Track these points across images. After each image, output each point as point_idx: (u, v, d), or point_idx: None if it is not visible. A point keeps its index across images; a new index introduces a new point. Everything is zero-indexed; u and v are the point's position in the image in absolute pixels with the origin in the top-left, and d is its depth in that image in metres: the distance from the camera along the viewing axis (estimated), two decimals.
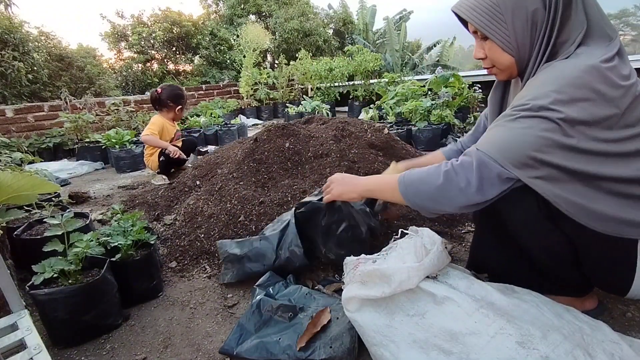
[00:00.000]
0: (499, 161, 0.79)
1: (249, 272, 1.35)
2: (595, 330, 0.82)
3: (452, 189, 0.84)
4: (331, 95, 7.56)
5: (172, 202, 2.21)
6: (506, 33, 0.86)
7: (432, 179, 0.87)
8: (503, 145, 0.80)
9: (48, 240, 1.17)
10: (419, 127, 3.77)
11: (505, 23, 0.85)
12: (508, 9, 0.84)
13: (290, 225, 1.36)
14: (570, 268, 0.94)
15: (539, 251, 0.94)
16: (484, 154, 0.81)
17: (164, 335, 1.18)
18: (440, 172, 0.86)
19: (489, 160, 0.80)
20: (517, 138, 0.78)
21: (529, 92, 0.81)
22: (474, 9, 0.88)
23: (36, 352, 0.93)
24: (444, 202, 0.86)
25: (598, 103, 0.74)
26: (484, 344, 0.77)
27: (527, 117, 0.78)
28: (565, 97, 0.74)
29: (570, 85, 0.75)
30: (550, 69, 0.81)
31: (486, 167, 0.80)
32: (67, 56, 7.74)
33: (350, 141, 2.11)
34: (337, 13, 13.11)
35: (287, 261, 1.31)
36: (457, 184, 0.83)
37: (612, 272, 0.89)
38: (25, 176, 0.98)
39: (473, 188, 0.81)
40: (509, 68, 0.92)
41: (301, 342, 0.97)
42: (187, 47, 10.00)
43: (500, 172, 0.80)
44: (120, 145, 3.78)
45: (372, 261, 0.98)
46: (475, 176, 0.81)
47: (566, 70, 0.77)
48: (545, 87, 0.77)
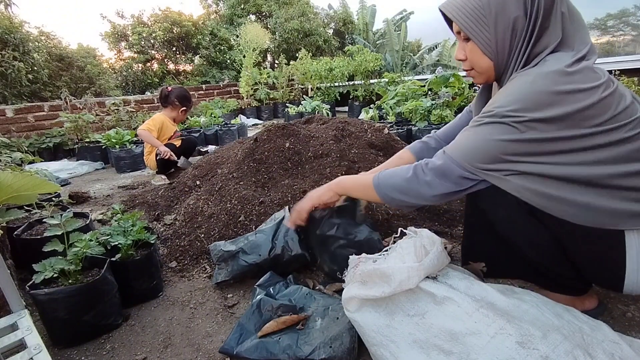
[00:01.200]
0: (462, 165, 0.88)
1: (243, 265, 1.34)
2: (595, 330, 0.82)
3: (419, 182, 0.94)
4: (331, 95, 7.56)
5: (172, 202, 2.21)
6: (488, 37, 0.88)
7: (402, 173, 0.98)
8: (467, 149, 0.88)
9: (48, 240, 1.16)
10: (419, 127, 3.77)
11: (488, 27, 0.87)
12: (492, 13, 0.86)
13: (286, 218, 1.40)
14: (561, 263, 0.94)
15: (526, 247, 0.95)
16: (449, 157, 0.91)
17: (164, 335, 1.18)
18: (410, 167, 0.97)
19: (452, 163, 0.90)
20: (481, 143, 0.85)
21: (497, 99, 0.85)
22: (460, 9, 0.89)
23: (36, 352, 0.93)
24: (411, 194, 0.96)
25: (559, 106, 0.77)
26: (484, 344, 0.77)
27: (489, 123, 0.84)
28: (527, 104, 0.79)
29: (532, 92, 0.79)
30: (518, 77, 0.85)
31: (449, 169, 0.90)
32: (67, 56, 7.75)
33: (351, 141, 2.12)
34: (338, 13, 13.11)
35: (282, 250, 1.32)
36: (423, 177, 0.93)
37: (602, 267, 0.89)
38: (25, 176, 0.98)
39: (436, 183, 0.92)
40: (487, 72, 0.95)
41: (262, 332, 1.03)
42: (187, 47, 10.00)
43: (461, 174, 0.90)
44: (121, 145, 3.78)
45: (372, 261, 0.98)
46: (438, 175, 0.92)
47: (529, 78, 0.81)
48: (511, 95, 0.82)
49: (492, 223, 0.99)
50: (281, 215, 1.45)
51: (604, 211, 0.81)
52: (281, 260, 1.33)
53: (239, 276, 1.37)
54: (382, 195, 1.02)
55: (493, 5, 0.85)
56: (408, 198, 0.97)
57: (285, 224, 1.36)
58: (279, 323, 1.05)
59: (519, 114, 0.79)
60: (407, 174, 0.96)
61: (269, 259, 1.33)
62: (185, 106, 3.21)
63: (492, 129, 0.83)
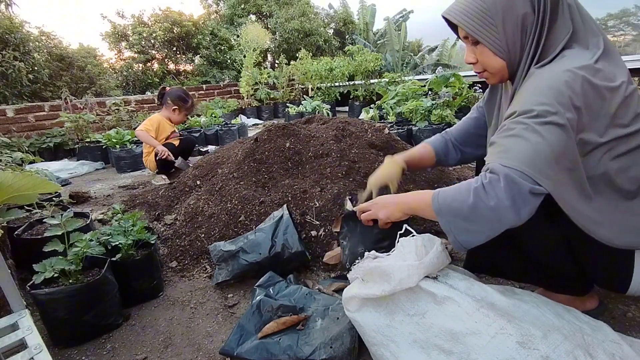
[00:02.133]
0: (530, 176, 0.75)
1: (244, 264, 1.35)
2: (596, 331, 0.82)
3: (483, 207, 0.78)
4: (331, 95, 7.55)
5: (173, 202, 2.21)
6: (497, 37, 0.87)
7: (462, 198, 0.81)
8: (528, 157, 0.76)
9: (48, 240, 1.17)
10: (420, 127, 3.77)
11: (495, 27, 0.86)
12: (498, 13, 0.85)
13: (284, 217, 1.41)
14: (568, 265, 0.94)
15: (535, 247, 0.94)
16: (513, 170, 0.76)
17: (164, 335, 1.18)
18: (470, 191, 0.80)
19: (518, 177, 0.75)
20: (538, 147, 0.76)
21: (527, 98, 0.80)
22: (464, 14, 0.88)
23: (37, 352, 0.93)
24: (476, 222, 0.80)
25: (587, 106, 0.75)
26: (484, 344, 0.76)
27: (540, 124, 0.76)
28: (564, 99, 0.75)
29: (563, 84, 0.76)
30: (541, 74, 0.82)
31: (515, 184, 0.75)
32: (67, 56, 7.74)
33: (351, 141, 2.11)
34: (338, 13, 13.10)
35: (283, 248, 1.33)
36: (487, 202, 0.77)
37: (610, 269, 0.89)
38: (25, 176, 0.98)
39: (504, 203, 0.76)
40: (500, 72, 0.93)
41: (262, 333, 1.03)
42: (188, 47, 10.00)
43: (532, 188, 0.75)
44: (121, 145, 3.78)
45: (372, 257, 0.98)
46: (504, 193, 0.75)
47: (558, 71, 0.78)
48: (543, 93, 0.78)
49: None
50: (279, 214, 1.46)
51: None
52: (281, 258, 1.34)
53: (240, 275, 1.37)
54: (445, 226, 0.84)
55: (499, 4, 0.84)
56: (474, 225, 0.80)
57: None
58: (279, 324, 1.04)
59: (561, 110, 0.75)
60: (469, 200, 0.79)
61: (269, 257, 1.33)
62: (178, 106, 3.17)
63: (544, 131, 0.76)
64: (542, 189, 0.75)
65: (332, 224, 1.59)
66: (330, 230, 1.58)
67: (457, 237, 0.83)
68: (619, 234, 0.82)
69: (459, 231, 0.82)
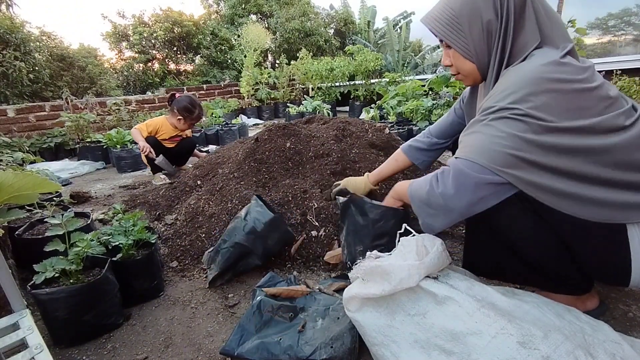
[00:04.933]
0: (477, 168, 0.83)
1: (225, 251, 1.39)
2: (597, 331, 0.82)
3: (434, 193, 0.90)
4: (332, 95, 7.55)
5: (173, 202, 2.21)
6: (465, 41, 0.95)
7: (423, 184, 0.95)
8: (479, 149, 0.85)
9: (49, 240, 1.17)
10: (420, 126, 3.77)
11: (463, 32, 0.94)
12: (465, 19, 0.92)
13: (252, 201, 1.49)
14: (565, 263, 0.94)
15: (531, 248, 0.94)
16: (463, 161, 0.86)
17: (165, 335, 1.18)
18: (428, 179, 0.93)
19: (465, 167, 0.85)
20: (492, 140, 0.83)
21: (494, 95, 0.87)
22: (437, 20, 0.97)
23: (37, 352, 0.93)
24: (432, 206, 0.92)
25: (555, 95, 0.80)
26: (485, 344, 0.76)
27: (495, 119, 0.84)
28: (525, 95, 0.81)
29: (527, 83, 0.81)
30: (511, 71, 0.89)
31: (462, 174, 0.85)
32: (68, 56, 7.75)
33: (351, 141, 2.11)
34: (339, 13, 13.09)
35: (254, 222, 1.39)
36: (436, 190, 0.89)
37: (608, 263, 0.89)
38: (26, 176, 0.98)
39: (450, 191, 0.87)
40: (472, 74, 1.01)
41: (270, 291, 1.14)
42: (188, 47, 10.00)
43: (477, 179, 0.84)
44: (122, 145, 3.79)
45: (374, 257, 0.98)
46: (451, 181, 0.86)
47: (521, 72, 0.85)
48: (508, 89, 0.84)
49: (494, 224, 0.97)
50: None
51: (614, 204, 0.81)
52: (258, 232, 1.38)
53: (227, 264, 1.39)
54: (415, 209, 0.99)
55: (465, 12, 0.92)
56: (434, 211, 0.93)
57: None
58: (289, 290, 1.19)
59: (519, 105, 0.81)
60: (426, 187, 0.93)
61: (246, 234, 1.38)
62: (183, 116, 3.11)
63: (499, 125, 0.83)
64: (491, 177, 0.83)
65: (332, 225, 1.59)
66: (331, 230, 1.58)
67: (423, 220, 0.96)
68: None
69: (425, 214, 0.95)
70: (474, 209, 0.89)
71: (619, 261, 0.85)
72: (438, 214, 0.92)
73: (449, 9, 0.95)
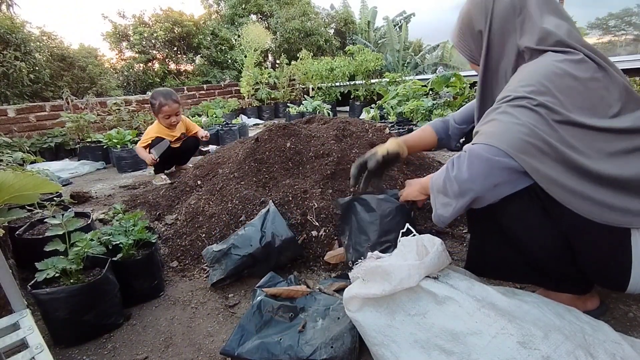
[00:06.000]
0: (497, 146, 0.82)
1: (237, 259, 1.36)
2: (597, 331, 0.82)
3: (449, 177, 0.89)
4: (332, 95, 7.55)
5: (174, 202, 2.22)
6: (467, 48, 1.10)
7: (441, 174, 0.93)
8: (495, 135, 0.84)
9: (49, 240, 1.17)
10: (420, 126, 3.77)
11: (464, 41, 1.09)
12: (467, 30, 1.07)
13: (271, 209, 1.46)
14: (568, 263, 0.94)
15: (535, 246, 0.94)
16: (479, 145, 0.85)
17: (165, 335, 1.18)
18: (445, 167, 0.92)
19: (482, 151, 0.83)
20: (508, 126, 0.84)
21: (508, 88, 0.90)
22: (454, 34, 1.14)
23: (38, 352, 0.93)
24: (448, 193, 0.90)
25: (569, 91, 0.83)
26: (485, 344, 0.76)
27: (512, 106, 0.85)
28: (537, 86, 0.84)
29: (541, 76, 0.85)
30: (523, 68, 0.94)
31: (476, 157, 0.84)
32: (68, 56, 7.75)
33: (352, 141, 2.11)
34: (339, 13, 13.09)
35: (273, 237, 1.37)
36: (451, 173, 0.88)
37: (608, 266, 0.89)
38: (27, 176, 0.98)
39: (464, 174, 0.85)
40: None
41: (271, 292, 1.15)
42: (189, 47, 10.00)
43: (492, 163, 0.82)
44: (122, 145, 3.79)
45: (375, 257, 0.98)
46: (466, 165, 0.85)
47: (535, 66, 0.90)
48: (521, 82, 0.88)
49: (501, 217, 0.95)
50: (266, 209, 1.50)
51: (622, 209, 0.81)
52: (273, 247, 1.36)
53: (234, 272, 1.38)
54: (432, 202, 0.98)
55: (464, 24, 1.07)
56: (448, 200, 0.91)
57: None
58: (289, 290, 1.19)
59: (534, 96, 0.83)
60: (443, 174, 0.91)
61: (261, 247, 1.36)
62: (156, 113, 3.03)
63: (516, 112, 0.84)
64: (507, 161, 0.81)
65: (332, 225, 1.59)
66: (331, 230, 1.58)
67: (437, 211, 0.96)
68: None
69: (439, 205, 0.95)
70: (488, 196, 0.87)
71: (619, 265, 0.85)
72: (451, 203, 0.90)
73: (457, 22, 1.10)
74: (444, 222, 0.96)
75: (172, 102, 2.96)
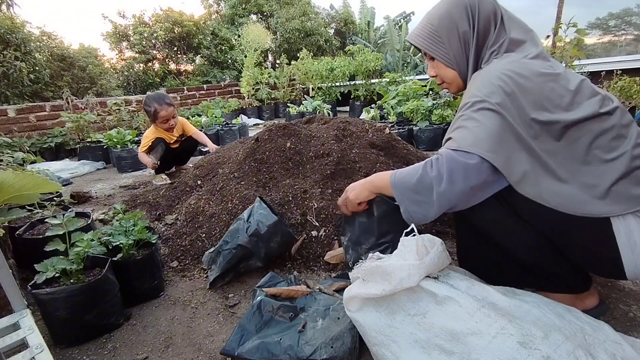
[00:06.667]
0: (466, 149, 0.86)
1: (227, 253, 1.38)
2: (597, 331, 0.82)
3: (427, 180, 0.90)
4: (332, 95, 7.55)
5: (174, 202, 2.22)
6: (446, 51, 1.05)
7: (414, 172, 0.95)
8: (464, 138, 0.89)
9: (50, 240, 1.17)
10: (421, 126, 3.77)
11: (443, 44, 1.05)
12: (444, 32, 1.03)
13: (256, 203, 1.49)
14: (555, 262, 0.95)
15: (517, 248, 0.96)
16: (450, 150, 0.89)
17: (165, 335, 1.18)
18: (420, 166, 0.94)
19: (456, 153, 0.88)
20: (472, 129, 0.88)
21: (466, 97, 0.95)
22: (419, 36, 1.09)
23: (38, 352, 0.93)
24: (421, 193, 0.92)
25: (520, 89, 0.87)
26: (485, 344, 0.76)
27: (473, 111, 0.89)
28: (490, 90, 0.88)
29: (493, 79, 0.90)
30: (475, 75, 0.99)
31: (453, 161, 0.87)
32: (68, 56, 7.76)
33: (352, 141, 2.11)
34: (339, 13, 13.09)
35: (258, 224, 1.39)
36: (430, 174, 0.90)
37: (597, 257, 0.89)
38: (27, 176, 0.98)
39: (442, 177, 0.88)
40: (454, 80, 1.10)
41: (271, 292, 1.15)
42: (189, 47, 10.01)
43: (466, 165, 0.86)
44: (122, 145, 3.79)
45: (375, 257, 0.98)
46: (445, 168, 0.88)
47: (487, 72, 0.95)
48: (476, 89, 0.92)
49: (479, 228, 1.00)
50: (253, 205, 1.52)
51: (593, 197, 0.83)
52: (261, 235, 1.37)
53: (228, 266, 1.39)
54: (397, 193, 0.97)
55: (443, 25, 1.03)
56: (422, 199, 0.92)
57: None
58: (290, 290, 1.19)
59: (489, 98, 0.87)
60: (418, 174, 0.92)
61: (249, 237, 1.37)
62: (152, 119, 2.99)
63: (477, 115, 0.88)
64: (480, 163, 0.85)
65: (332, 225, 1.59)
66: (331, 230, 1.58)
67: (407, 208, 0.96)
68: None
69: (409, 202, 0.95)
70: (467, 201, 0.91)
71: (608, 255, 0.86)
72: (426, 200, 0.91)
73: (429, 24, 1.06)
74: (417, 220, 0.96)
75: (167, 106, 2.94)
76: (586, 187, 0.84)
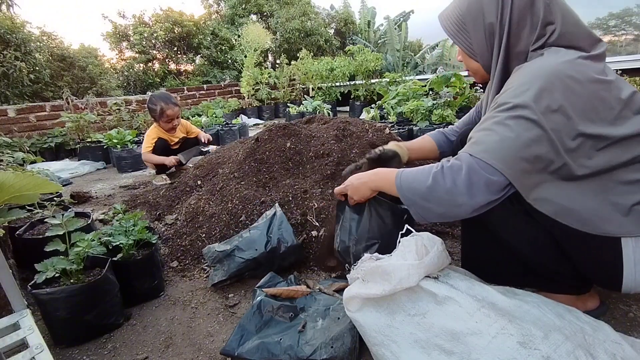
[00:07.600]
0: (493, 165, 0.80)
1: (240, 262, 1.36)
2: (597, 331, 0.82)
3: (439, 190, 0.85)
4: (332, 95, 7.55)
5: (174, 202, 2.22)
6: (469, 41, 0.97)
7: (422, 178, 0.89)
8: (493, 149, 0.81)
9: (50, 240, 1.17)
10: (421, 126, 3.77)
11: (467, 33, 0.96)
12: (470, 20, 0.95)
13: (277, 213, 1.44)
14: (559, 262, 0.94)
15: (524, 246, 0.95)
16: (475, 159, 0.82)
17: (165, 335, 1.18)
18: (430, 173, 0.88)
19: (480, 166, 0.81)
20: (504, 142, 0.80)
21: (508, 91, 0.84)
22: (448, 19, 1.00)
23: (38, 352, 0.93)
24: (432, 201, 0.87)
25: (570, 95, 0.77)
26: (485, 344, 0.76)
27: (509, 118, 0.80)
28: (537, 91, 0.78)
29: (542, 80, 0.79)
30: (521, 69, 0.87)
31: (475, 173, 0.82)
32: (69, 56, 7.76)
33: (352, 141, 2.11)
34: (339, 13, 13.09)
35: (278, 243, 1.36)
36: (444, 185, 0.84)
37: (599, 269, 0.89)
38: (27, 176, 0.98)
39: (461, 189, 0.82)
40: (478, 71, 1.03)
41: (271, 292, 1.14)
42: (189, 47, 10.01)
43: (489, 181, 0.80)
44: (122, 145, 3.79)
45: (375, 258, 0.98)
46: (464, 180, 0.82)
47: (537, 67, 0.83)
48: (521, 87, 0.81)
49: (487, 225, 0.98)
50: (272, 212, 1.49)
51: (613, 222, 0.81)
52: (278, 253, 1.35)
53: (236, 274, 1.37)
54: (405, 198, 0.92)
55: (471, 13, 0.94)
56: (430, 204, 0.88)
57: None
58: (290, 290, 1.19)
59: (532, 105, 0.78)
60: (428, 181, 0.87)
61: (266, 252, 1.35)
62: (155, 118, 2.96)
63: (514, 124, 0.80)
64: (504, 181, 0.80)
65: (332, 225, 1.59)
66: (331, 230, 1.58)
67: (416, 211, 0.91)
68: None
69: (417, 207, 0.90)
70: (481, 211, 0.86)
71: (610, 268, 0.85)
72: (436, 209, 0.87)
73: (458, 8, 0.97)
74: (426, 221, 0.96)
75: (173, 106, 2.93)
76: (610, 204, 0.81)
